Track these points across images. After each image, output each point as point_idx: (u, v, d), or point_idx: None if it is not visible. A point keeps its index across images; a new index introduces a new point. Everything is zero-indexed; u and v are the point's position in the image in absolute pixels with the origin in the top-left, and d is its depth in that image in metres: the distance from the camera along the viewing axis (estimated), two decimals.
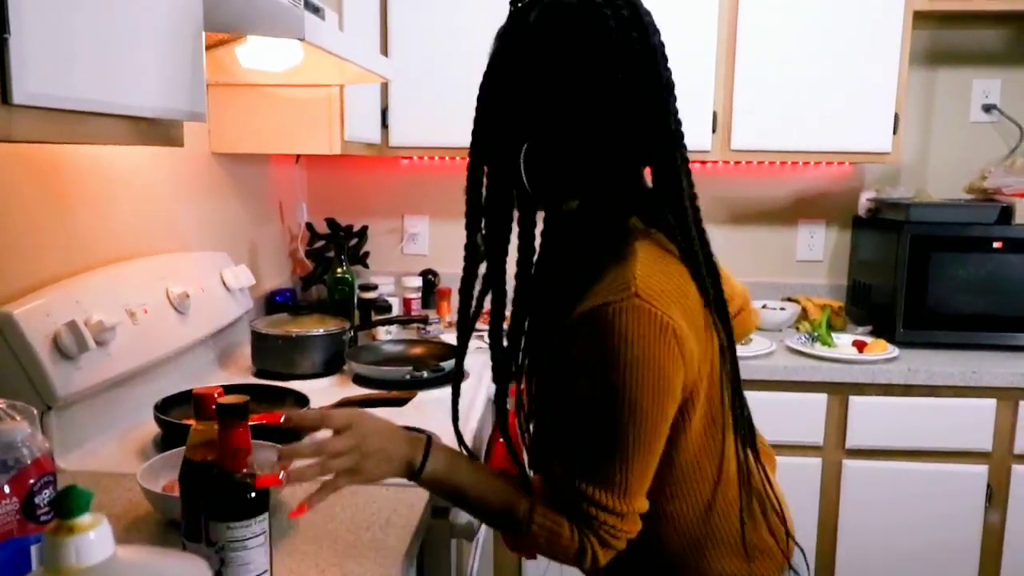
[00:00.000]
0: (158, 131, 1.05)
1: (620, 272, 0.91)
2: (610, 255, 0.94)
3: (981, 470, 2.18)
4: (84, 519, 0.60)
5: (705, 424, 0.99)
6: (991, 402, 2.15)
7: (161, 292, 1.61)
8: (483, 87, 0.98)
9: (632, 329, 0.87)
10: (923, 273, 2.29)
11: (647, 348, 0.87)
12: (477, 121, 0.99)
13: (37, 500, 0.86)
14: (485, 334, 1.03)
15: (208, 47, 1.53)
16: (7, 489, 0.84)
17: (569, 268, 0.99)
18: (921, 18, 2.38)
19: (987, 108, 2.65)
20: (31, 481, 0.86)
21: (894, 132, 2.33)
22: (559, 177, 0.97)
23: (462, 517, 1.27)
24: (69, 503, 0.60)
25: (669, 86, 0.95)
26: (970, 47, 2.64)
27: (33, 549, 0.86)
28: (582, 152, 0.95)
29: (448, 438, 1.16)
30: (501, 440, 1.66)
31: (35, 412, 0.89)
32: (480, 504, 1.00)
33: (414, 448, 0.99)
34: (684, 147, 0.97)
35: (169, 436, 1.41)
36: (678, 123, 0.97)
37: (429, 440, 1.01)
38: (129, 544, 0.67)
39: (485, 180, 0.98)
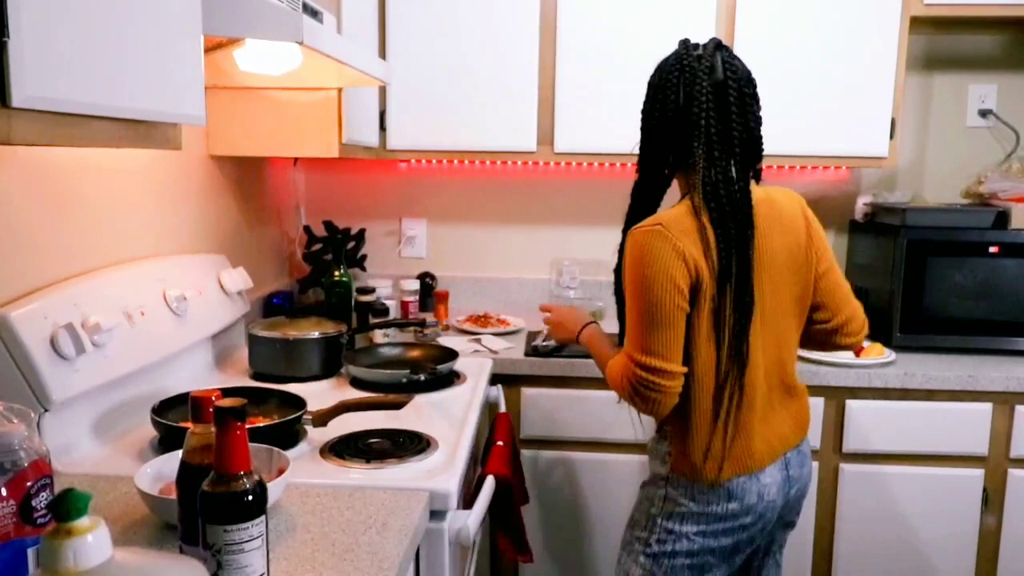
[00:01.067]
0: (156, 134, 1.05)
1: (655, 216, 1.40)
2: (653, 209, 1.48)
3: (977, 474, 2.18)
4: (82, 522, 0.60)
5: (708, 332, 1.38)
6: (987, 406, 2.15)
7: (158, 295, 1.61)
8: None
9: (651, 243, 1.35)
10: (919, 277, 2.30)
11: (659, 255, 1.34)
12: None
13: (34, 503, 0.86)
14: (483, 337, 1.06)
15: (206, 50, 1.54)
16: (4, 492, 0.84)
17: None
18: (918, 23, 2.39)
19: (983, 113, 2.66)
20: (28, 484, 0.86)
21: (891, 137, 2.34)
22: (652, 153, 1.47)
23: (459, 521, 1.27)
24: (67, 506, 0.60)
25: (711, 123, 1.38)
26: (966, 52, 2.65)
27: (30, 552, 0.86)
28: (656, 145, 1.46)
29: (446, 438, 1.21)
30: (499, 443, 1.68)
31: (32, 415, 0.89)
32: (598, 362, 1.59)
33: (577, 328, 1.66)
34: (721, 156, 1.38)
35: (166, 439, 1.41)
36: (711, 139, 1.37)
37: (584, 328, 1.65)
38: (126, 547, 0.68)
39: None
